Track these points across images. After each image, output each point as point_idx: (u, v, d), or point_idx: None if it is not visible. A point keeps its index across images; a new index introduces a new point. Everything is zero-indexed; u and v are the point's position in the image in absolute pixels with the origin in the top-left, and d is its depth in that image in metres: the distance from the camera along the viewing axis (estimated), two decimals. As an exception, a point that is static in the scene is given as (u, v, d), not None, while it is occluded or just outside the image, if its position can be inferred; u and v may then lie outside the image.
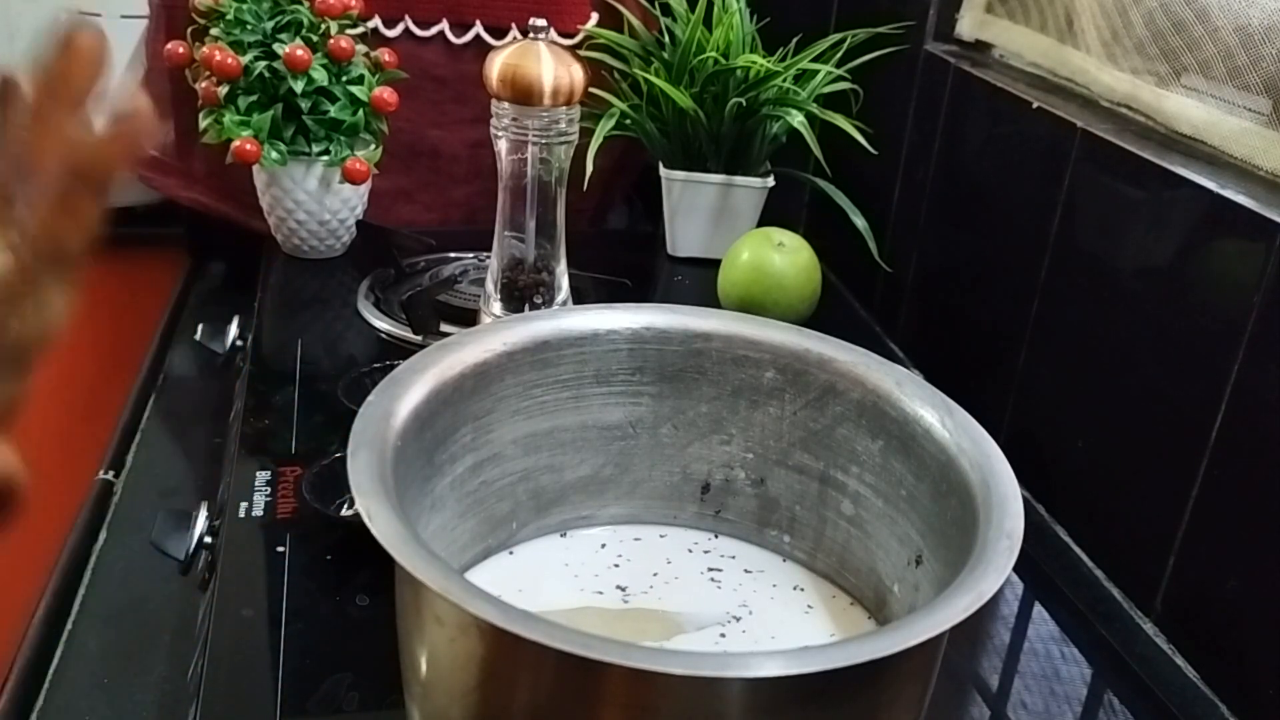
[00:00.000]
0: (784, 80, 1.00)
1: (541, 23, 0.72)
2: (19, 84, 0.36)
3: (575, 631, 0.35)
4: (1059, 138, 0.74)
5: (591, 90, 1.01)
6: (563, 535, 0.60)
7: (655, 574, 0.58)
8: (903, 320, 0.98)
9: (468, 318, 0.86)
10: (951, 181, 0.91)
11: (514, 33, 1.16)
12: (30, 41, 0.36)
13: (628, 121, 1.06)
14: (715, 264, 0.98)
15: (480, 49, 1.15)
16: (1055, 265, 0.75)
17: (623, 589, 0.56)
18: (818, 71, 1.02)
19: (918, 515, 0.51)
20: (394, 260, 1.00)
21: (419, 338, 0.87)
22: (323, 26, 0.99)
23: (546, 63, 0.71)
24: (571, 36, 1.14)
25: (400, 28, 1.15)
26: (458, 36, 1.16)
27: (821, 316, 0.95)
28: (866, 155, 0.96)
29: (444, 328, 0.87)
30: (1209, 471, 0.61)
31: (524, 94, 0.71)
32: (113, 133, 0.37)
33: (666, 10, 1.09)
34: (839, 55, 1.02)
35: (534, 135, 0.73)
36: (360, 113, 1.00)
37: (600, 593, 0.56)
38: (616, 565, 0.58)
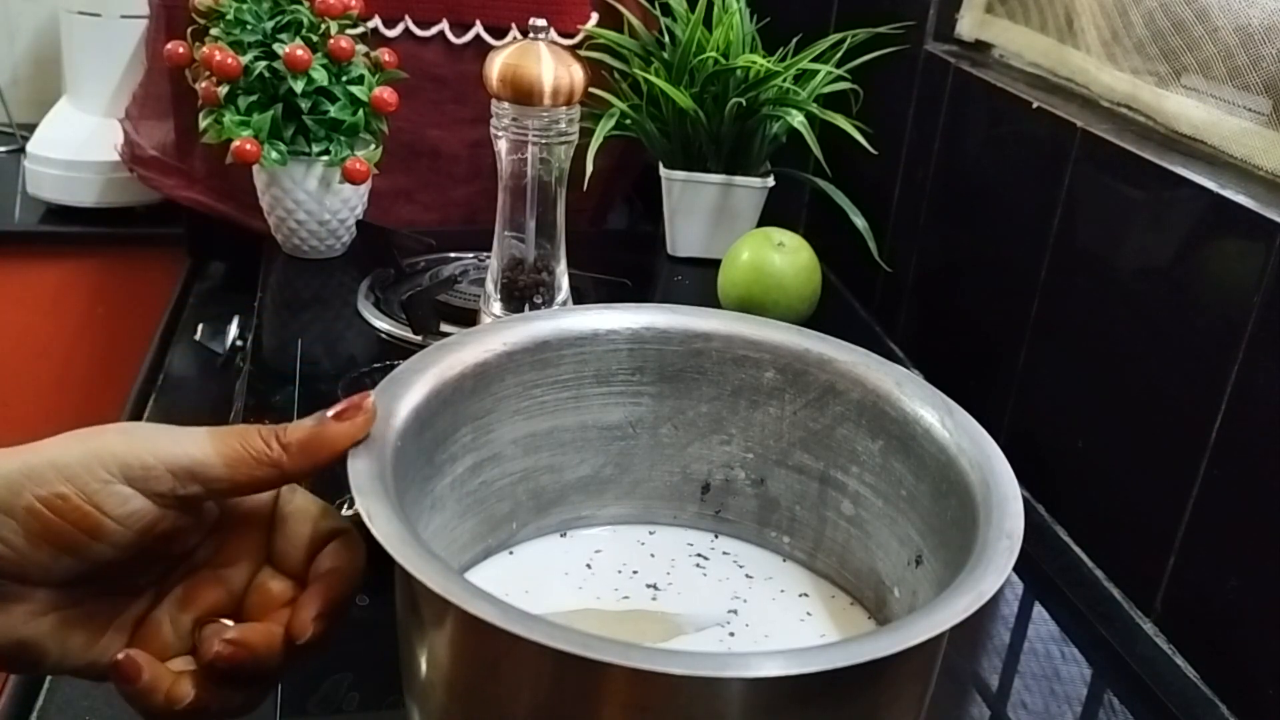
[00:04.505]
0: (784, 80, 1.00)
1: (541, 23, 0.72)
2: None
3: (575, 631, 0.35)
4: (1059, 138, 0.74)
5: (591, 90, 1.01)
6: (563, 535, 0.60)
7: (655, 574, 0.58)
8: (903, 320, 0.98)
9: (468, 318, 0.86)
10: (951, 181, 0.91)
11: (514, 33, 1.16)
12: (31, 41, 0.37)
13: (628, 121, 1.06)
14: (715, 264, 0.98)
15: (480, 49, 1.15)
16: (1055, 265, 0.75)
17: (622, 589, 0.56)
18: (818, 71, 1.02)
19: (918, 515, 0.51)
20: (394, 260, 1.00)
21: (419, 338, 0.87)
22: (323, 26, 0.99)
23: (546, 63, 0.71)
24: (571, 36, 1.14)
25: (400, 28, 1.15)
26: (458, 36, 1.16)
27: (821, 316, 0.95)
28: (866, 155, 0.96)
29: (444, 328, 0.87)
30: (1209, 471, 0.61)
31: (524, 94, 0.71)
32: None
33: (666, 10, 1.09)
34: (839, 55, 1.02)
35: (534, 135, 0.73)
36: (360, 113, 1.00)
37: (600, 593, 0.56)
38: (616, 566, 0.58)
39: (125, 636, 0.39)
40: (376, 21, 1.13)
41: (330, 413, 0.41)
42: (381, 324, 0.92)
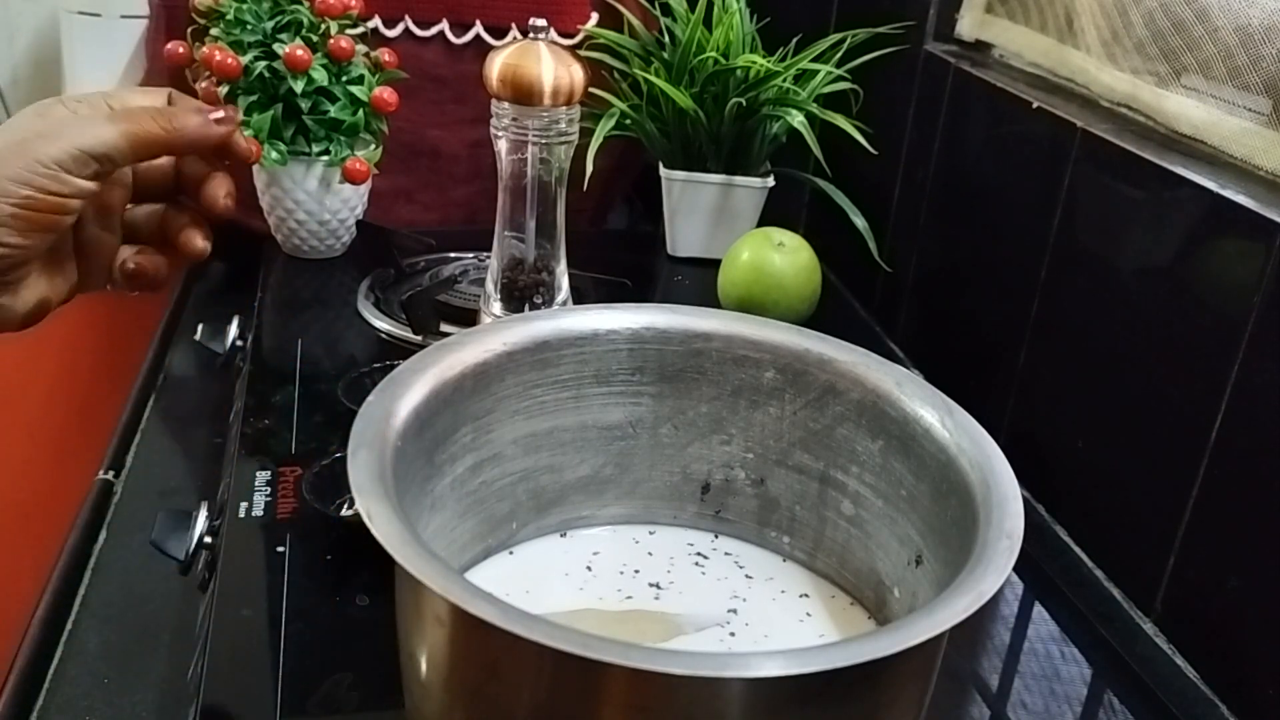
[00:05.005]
0: (784, 80, 1.00)
1: (541, 23, 0.72)
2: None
3: (575, 631, 0.35)
4: (1059, 138, 0.74)
5: (591, 90, 1.01)
6: (563, 535, 0.60)
7: (655, 574, 0.58)
8: (903, 320, 0.98)
9: (468, 318, 0.86)
10: (951, 181, 0.91)
11: (514, 33, 1.16)
12: (31, 41, 0.37)
13: (628, 121, 1.06)
14: (715, 264, 0.98)
15: (480, 49, 1.15)
16: (1055, 265, 0.75)
17: (624, 590, 0.56)
18: (818, 71, 1.02)
19: (918, 515, 0.51)
20: (394, 260, 1.00)
21: (419, 338, 0.87)
22: (323, 26, 0.99)
23: (546, 63, 0.71)
24: (571, 36, 1.14)
25: (400, 28, 1.15)
26: (458, 36, 1.16)
27: (821, 316, 0.95)
28: (866, 155, 0.96)
29: (444, 328, 0.87)
30: (1209, 471, 0.61)
31: (524, 94, 0.71)
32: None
33: (666, 10, 1.09)
34: (839, 55, 1.02)
35: (534, 135, 0.73)
36: (360, 113, 1.00)
37: (601, 593, 0.56)
38: (616, 566, 0.58)
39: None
40: (376, 21, 1.13)
41: (215, 116, 0.53)
42: (381, 324, 0.92)
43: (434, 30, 1.15)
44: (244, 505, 0.67)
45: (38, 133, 0.47)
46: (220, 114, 0.52)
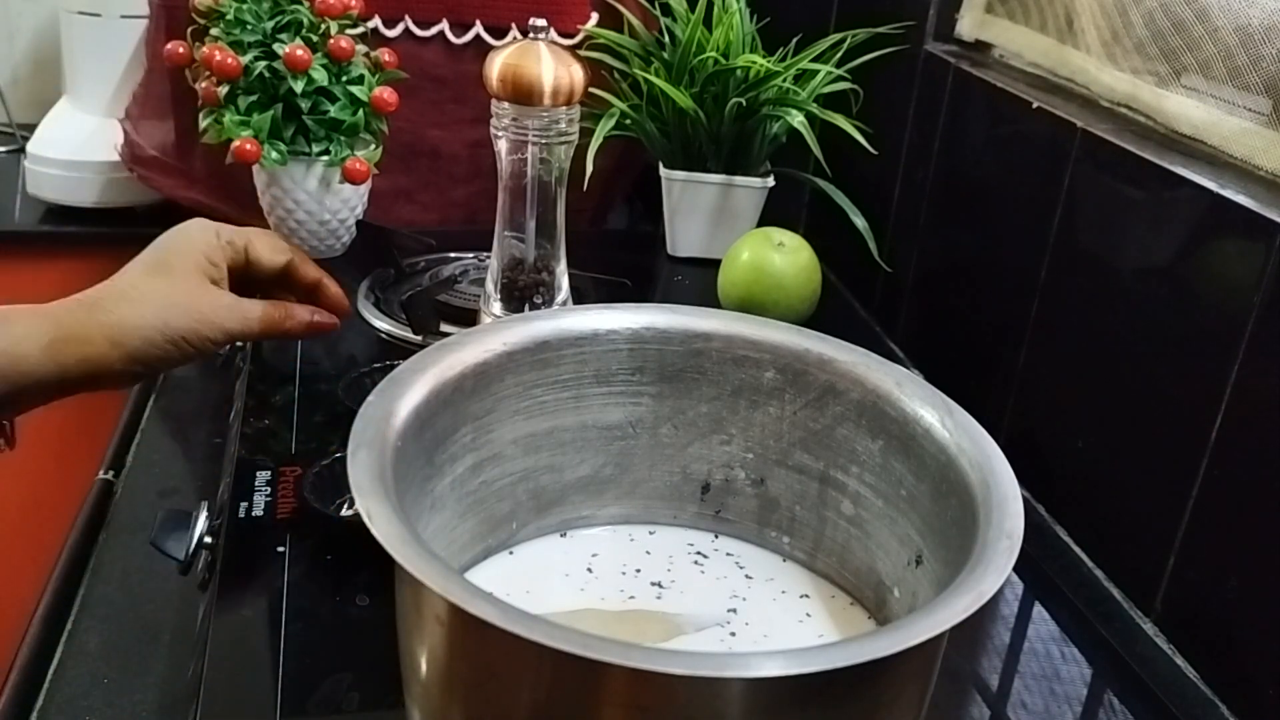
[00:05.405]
0: (784, 80, 1.00)
1: (541, 23, 0.72)
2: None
3: (575, 631, 0.35)
4: (1059, 138, 0.74)
5: (591, 90, 1.01)
6: (563, 535, 0.60)
7: (655, 574, 0.58)
8: (903, 320, 0.98)
9: (468, 318, 0.86)
10: (951, 181, 0.91)
11: (514, 33, 1.16)
12: (31, 41, 0.37)
13: (628, 121, 1.06)
14: (715, 264, 0.98)
15: (480, 49, 1.15)
16: (1055, 265, 0.75)
17: (625, 590, 0.56)
18: (818, 71, 1.02)
19: (918, 515, 0.51)
20: (394, 260, 1.00)
21: (419, 338, 0.87)
22: (323, 26, 0.99)
23: (546, 63, 0.71)
24: (571, 36, 1.14)
25: (400, 28, 1.15)
26: (458, 36, 1.16)
27: (821, 316, 0.95)
28: (866, 155, 0.96)
29: (444, 328, 0.87)
30: (1209, 471, 0.61)
31: (524, 94, 0.71)
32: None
33: (666, 10, 1.09)
34: (839, 55, 1.02)
35: (534, 135, 0.73)
36: (360, 113, 1.00)
37: (601, 593, 0.56)
38: (616, 566, 0.58)
39: None
40: (376, 21, 1.13)
41: (320, 319, 0.74)
42: (381, 324, 0.92)
43: (434, 30, 1.15)
44: (244, 505, 0.67)
45: (211, 308, 0.66)
46: (331, 320, 0.75)
